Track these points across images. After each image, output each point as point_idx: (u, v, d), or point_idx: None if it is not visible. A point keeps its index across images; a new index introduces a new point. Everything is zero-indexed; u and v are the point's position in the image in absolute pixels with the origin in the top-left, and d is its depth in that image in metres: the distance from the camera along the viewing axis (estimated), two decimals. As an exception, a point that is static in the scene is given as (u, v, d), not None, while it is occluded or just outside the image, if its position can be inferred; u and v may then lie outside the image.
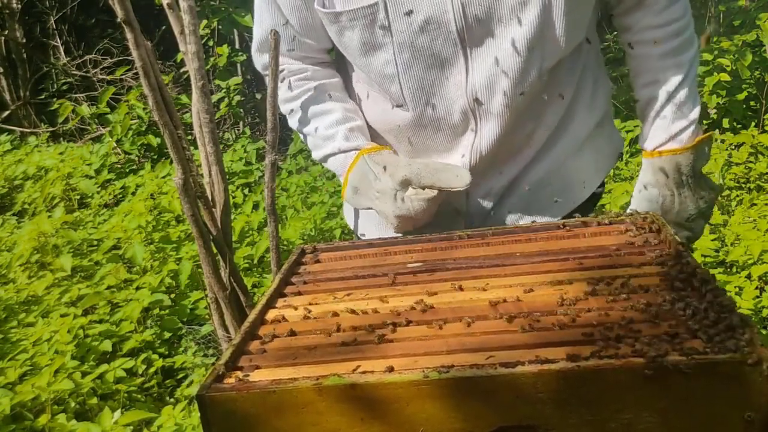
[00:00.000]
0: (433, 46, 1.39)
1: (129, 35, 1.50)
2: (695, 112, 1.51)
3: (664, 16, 1.47)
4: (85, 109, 6.26)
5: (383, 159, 1.47)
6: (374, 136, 1.59)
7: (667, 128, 1.51)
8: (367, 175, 1.47)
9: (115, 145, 5.67)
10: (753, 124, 4.90)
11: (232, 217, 2.68)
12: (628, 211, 1.58)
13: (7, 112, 7.41)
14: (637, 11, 1.49)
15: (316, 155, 1.59)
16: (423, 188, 1.42)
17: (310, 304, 1.22)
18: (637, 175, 1.60)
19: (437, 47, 1.39)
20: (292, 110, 1.60)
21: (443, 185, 1.41)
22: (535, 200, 1.56)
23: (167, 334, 3.20)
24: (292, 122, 1.61)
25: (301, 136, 1.62)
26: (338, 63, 1.62)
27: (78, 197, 5.25)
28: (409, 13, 1.36)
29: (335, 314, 1.15)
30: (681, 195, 1.52)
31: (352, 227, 1.72)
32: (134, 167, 5.65)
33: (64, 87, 7.57)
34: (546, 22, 1.37)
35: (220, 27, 5.92)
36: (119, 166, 5.67)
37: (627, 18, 1.52)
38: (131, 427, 2.54)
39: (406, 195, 1.42)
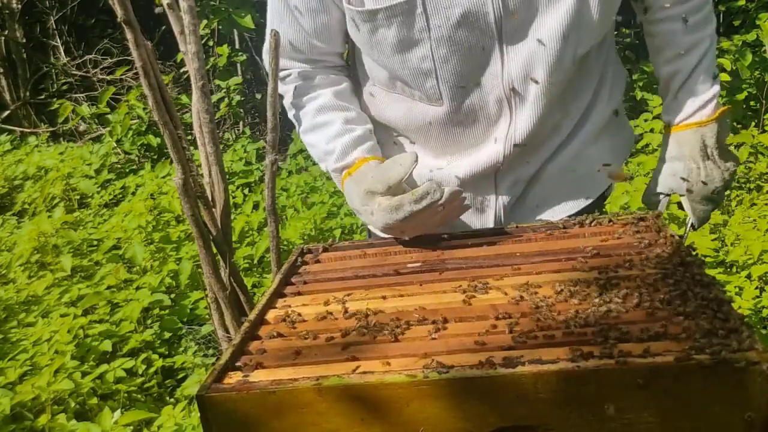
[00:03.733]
0: (470, 38, 1.39)
1: (129, 35, 1.50)
2: (716, 86, 1.53)
3: None
4: (85, 109, 6.25)
5: (358, 177, 1.46)
6: (396, 134, 1.59)
7: (691, 101, 1.53)
8: (351, 197, 1.48)
9: (115, 145, 5.67)
10: (753, 124, 4.89)
11: (232, 217, 2.68)
12: (655, 188, 1.59)
13: (7, 112, 7.40)
14: None
15: (321, 167, 1.59)
16: (388, 194, 1.40)
17: (310, 304, 1.22)
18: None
19: (474, 40, 1.39)
20: (297, 117, 1.59)
21: (393, 181, 1.39)
22: (561, 185, 1.60)
23: (167, 334, 3.19)
24: (298, 129, 1.61)
25: (308, 147, 1.62)
26: (349, 68, 1.61)
27: (78, 197, 5.25)
28: (448, 7, 1.36)
29: (335, 314, 1.15)
30: (706, 167, 1.53)
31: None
32: (134, 167, 5.65)
33: (64, 87, 7.55)
34: (582, 10, 1.39)
35: (220, 27, 5.91)
36: (119, 166, 5.67)
37: None
38: (131, 427, 2.54)
39: (374, 208, 1.40)
